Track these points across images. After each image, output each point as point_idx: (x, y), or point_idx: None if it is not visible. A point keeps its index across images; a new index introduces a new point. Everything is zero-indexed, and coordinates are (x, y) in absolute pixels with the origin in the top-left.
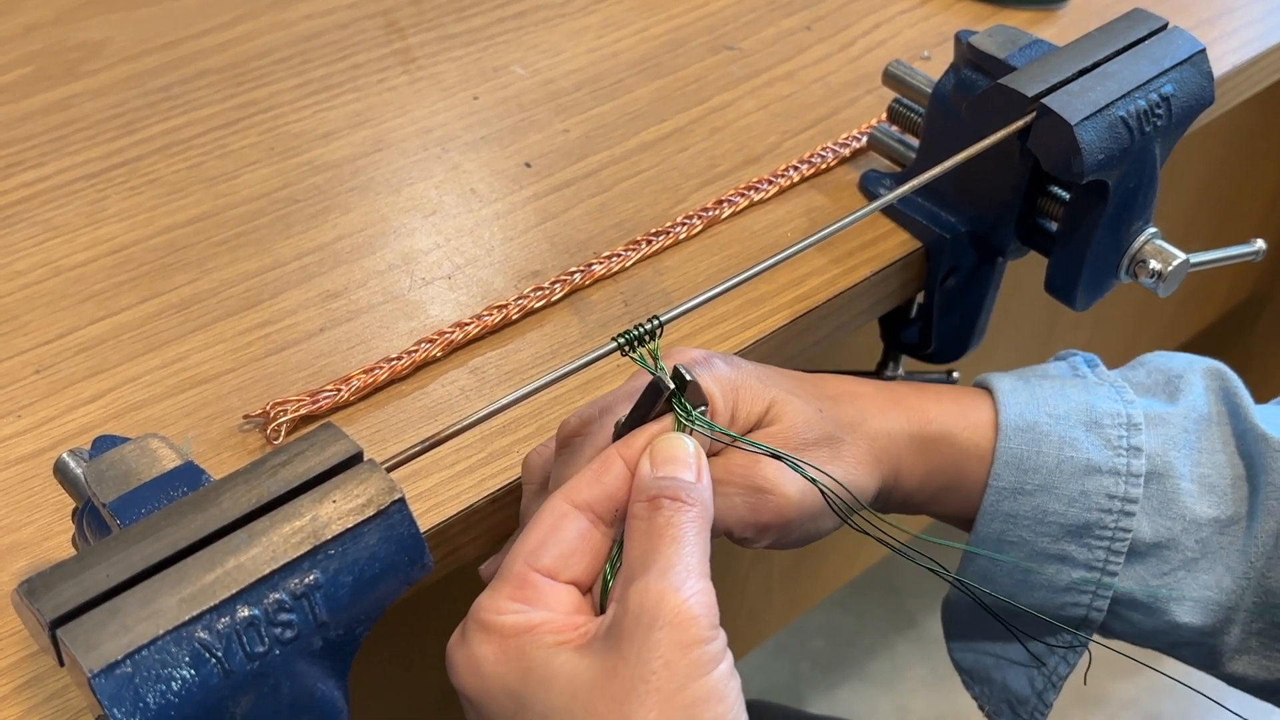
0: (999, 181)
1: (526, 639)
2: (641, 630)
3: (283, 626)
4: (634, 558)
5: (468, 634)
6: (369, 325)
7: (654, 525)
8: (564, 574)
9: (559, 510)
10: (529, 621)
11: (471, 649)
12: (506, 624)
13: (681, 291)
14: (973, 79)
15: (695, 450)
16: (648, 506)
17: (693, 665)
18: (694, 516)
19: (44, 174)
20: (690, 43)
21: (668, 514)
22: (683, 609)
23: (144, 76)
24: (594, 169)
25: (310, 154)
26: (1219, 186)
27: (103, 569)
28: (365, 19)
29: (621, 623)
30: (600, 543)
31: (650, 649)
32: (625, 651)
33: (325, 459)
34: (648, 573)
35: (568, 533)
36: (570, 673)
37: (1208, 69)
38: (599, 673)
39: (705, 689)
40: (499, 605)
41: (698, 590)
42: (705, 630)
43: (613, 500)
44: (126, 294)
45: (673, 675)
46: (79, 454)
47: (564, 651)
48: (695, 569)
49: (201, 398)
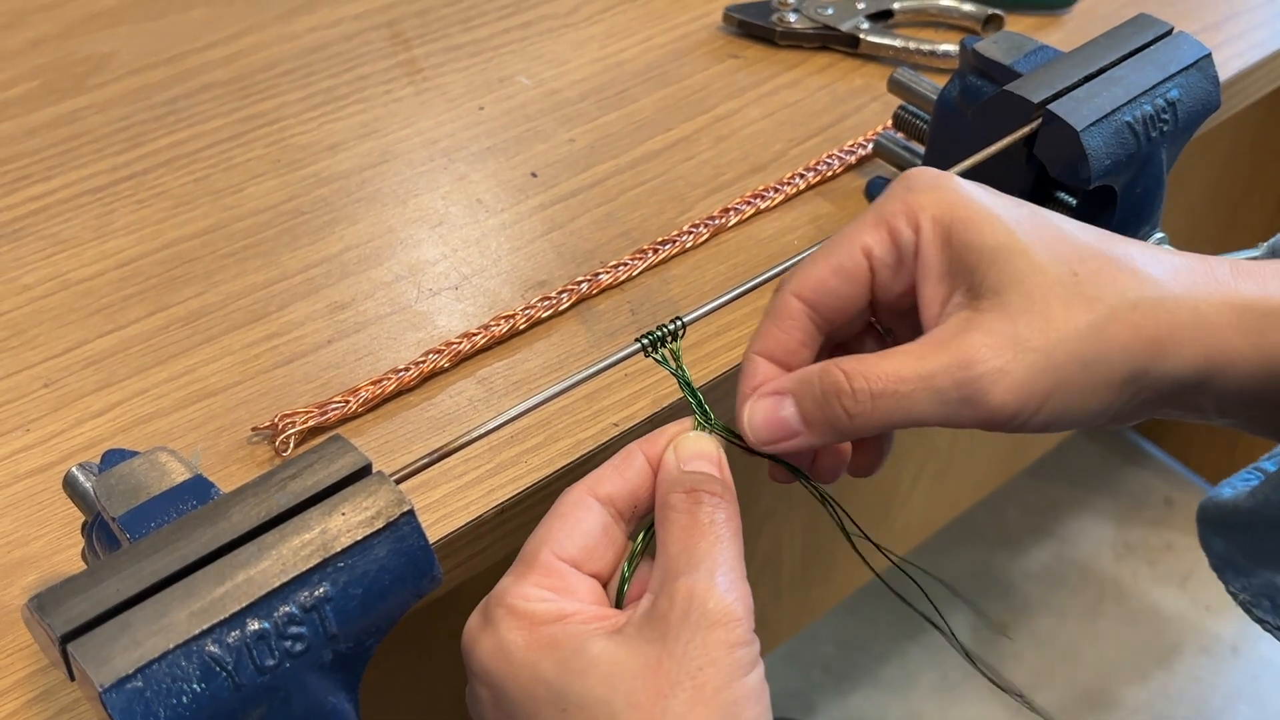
0: (1005, 187)
1: (559, 627)
2: (690, 627)
3: (293, 640)
4: (674, 551)
5: (494, 619)
6: (376, 337)
7: (695, 520)
8: (587, 566)
9: (582, 501)
10: (561, 610)
11: (499, 634)
12: (538, 611)
13: (689, 300)
14: (978, 85)
15: (718, 449)
16: (687, 498)
17: (736, 665)
18: (731, 514)
19: (51, 188)
20: (694, 51)
21: (709, 509)
22: (731, 610)
23: (150, 90)
24: (600, 178)
25: (316, 166)
26: (1226, 190)
27: (113, 583)
28: (370, 30)
29: (667, 617)
30: (619, 538)
31: (698, 646)
32: (671, 646)
33: (334, 471)
34: (695, 570)
35: (591, 525)
36: (610, 662)
37: (1214, 74)
38: (641, 664)
39: (746, 689)
40: (526, 592)
41: (742, 592)
42: (747, 632)
43: (633, 496)
44: (134, 307)
45: (718, 672)
46: (88, 468)
47: (599, 640)
48: (738, 569)
49: (210, 410)
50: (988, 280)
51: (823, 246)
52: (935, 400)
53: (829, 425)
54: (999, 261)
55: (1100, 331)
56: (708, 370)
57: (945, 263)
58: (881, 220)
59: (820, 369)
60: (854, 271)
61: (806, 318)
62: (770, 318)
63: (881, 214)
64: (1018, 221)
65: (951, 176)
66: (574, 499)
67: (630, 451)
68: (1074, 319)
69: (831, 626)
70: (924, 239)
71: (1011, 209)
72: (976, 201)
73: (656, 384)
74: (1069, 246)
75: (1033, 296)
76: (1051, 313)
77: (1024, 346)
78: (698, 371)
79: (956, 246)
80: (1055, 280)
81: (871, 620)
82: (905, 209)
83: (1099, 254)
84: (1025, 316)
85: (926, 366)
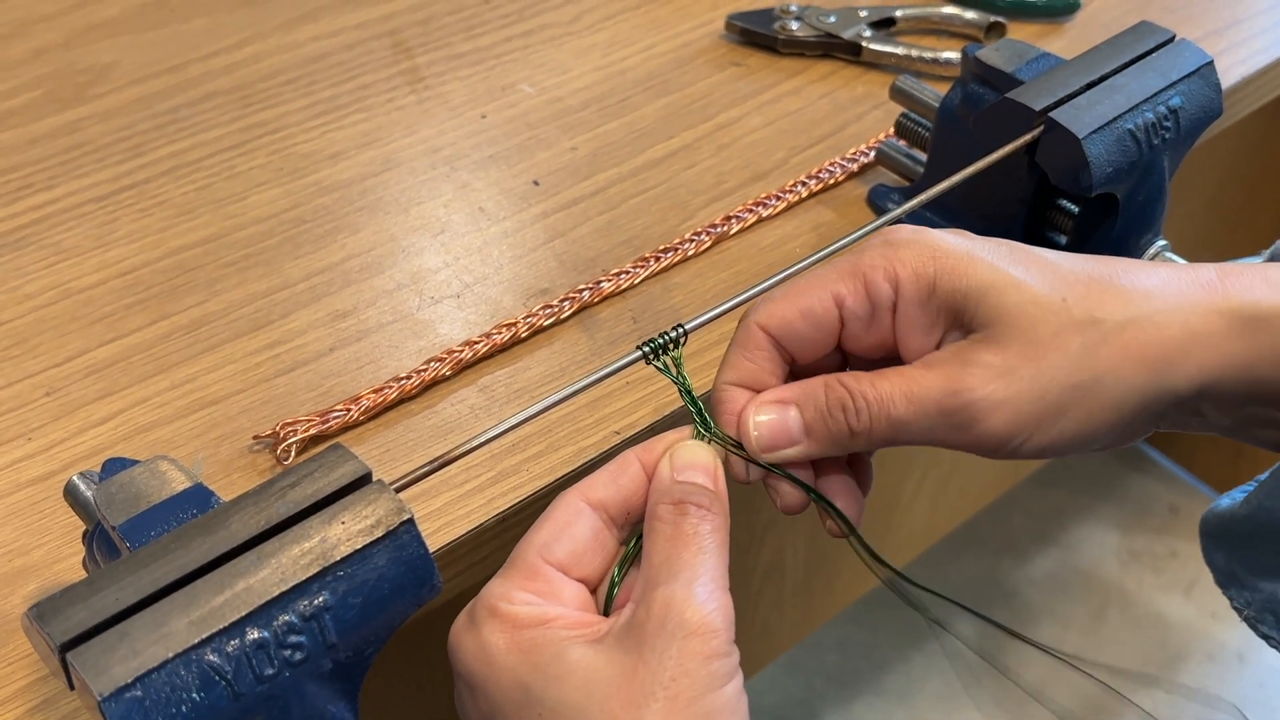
0: (1007, 195)
1: (540, 631)
2: (665, 637)
3: (292, 649)
4: (657, 561)
5: (477, 620)
6: (378, 345)
7: (680, 531)
8: (575, 570)
9: (574, 506)
10: (544, 614)
11: (482, 635)
12: (520, 614)
13: (690, 308)
14: (980, 93)
15: (714, 460)
16: (673, 510)
17: (711, 676)
18: (718, 526)
19: (53, 197)
20: (696, 59)
21: (694, 521)
22: (707, 621)
23: (152, 99)
24: (602, 186)
25: (318, 174)
26: (1228, 197)
27: (112, 592)
28: (372, 39)
29: (644, 626)
30: (609, 544)
31: (672, 656)
32: (646, 656)
33: (334, 480)
34: (674, 580)
35: (581, 530)
36: (586, 669)
37: (1216, 81)
38: (616, 672)
39: (720, 700)
40: (511, 594)
41: (721, 604)
42: (725, 644)
43: (626, 503)
44: (136, 316)
45: (692, 684)
46: (89, 476)
47: (578, 647)
48: (719, 580)
49: (211, 419)
50: (978, 316)
51: (792, 284)
52: (927, 424)
53: (830, 437)
54: (988, 297)
55: (1092, 355)
56: (709, 379)
57: (931, 314)
58: (858, 272)
59: (823, 382)
60: (823, 319)
61: (772, 348)
62: (737, 347)
63: (858, 266)
64: (1001, 258)
65: (929, 231)
66: (566, 503)
67: (626, 458)
68: (1065, 345)
69: (834, 634)
70: (904, 295)
71: (992, 248)
72: (957, 249)
73: (658, 392)
74: (1055, 274)
75: (1022, 325)
76: (1042, 340)
77: (1014, 375)
78: (698, 380)
79: (942, 294)
80: (1045, 308)
81: (874, 628)
82: (884, 263)
83: (1086, 278)
84: (1016, 345)
85: (919, 391)
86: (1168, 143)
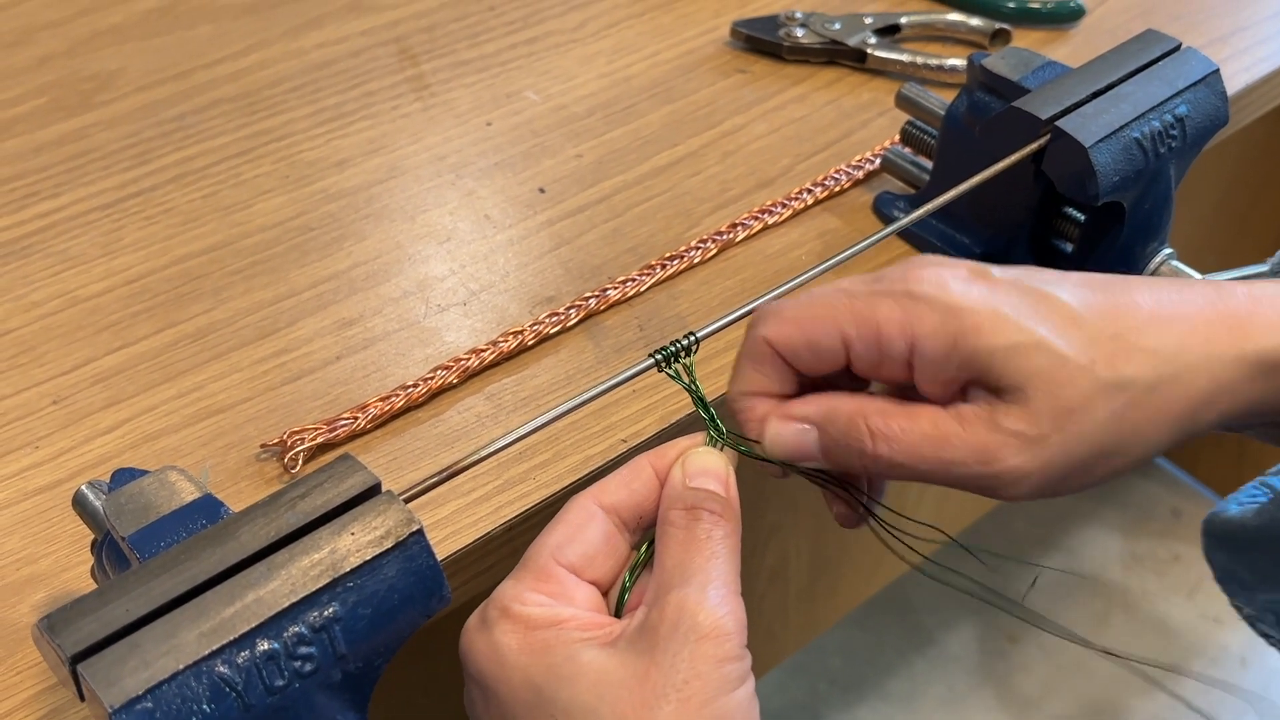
0: (1013, 203)
1: (552, 633)
2: (678, 640)
3: (302, 660)
4: (669, 565)
5: (489, 620)
6: (385, 353)
7: (693, 536)
8: (586, 573)
9: (587, 510)
10: (556, 615)
11: (494, 636)
12: (533, 615)
13: (696, 315)
14: (986, 101)
15: (727, 466)
16: (686, 515)
17: (723, 680)
18: (730, 532)
19: (59, 204)
20: (701, 67)
21: (707, 526)
22: (720, 624)
23: (158, 106)
24: (607, 194)
25: (324, 182)
26: (1233, 204)
27: (122, 604)
28: (378, 46)
29: (657, 629)
30: (621, 547)
31: (684, 659)
32: (659, 658)
33: (343, 491)
34: (687, 584)
35: (594, 533)
36: (599, 670)
37: (1222, 89)
38: (629, 674)
39: (733, 704)
40: (523, 595)
41: (734, 608)
42: (737, 647)
43: (639, 508)
44: (142, 324)
45: (704, 686)
46: (98, 486)
47: (591, 648)
48: (731, 585)
49: (218, 427)
50: (1005, 378)
51: (802, 304)
52: (949, 480)
53: (846, 462)
54: (1012, 359)
55: (1121, 420)
56: (719, 385)
57: (950, 371)
58: (871, 321)
59: (848, 417)
60: (828, 353)
61: (781, 360)
62: (747, 358)
63: (873, 314)
64: (1025, 313)
65: (950, 279)
66: (579, 506)
67: (638, 463)
68: (1094, 411)
69: (838, 639)
70: (921, 352)
71: (1016, 300)
72: (979, 306)
73: (665, 400)
74: (1080, 330)
75: (1050, 389)
76: (1070, 406)
77: (1045, 444)
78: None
79: (965, 353)
80: (1073, 369)
81: (878, 633)
82: (901, 318)
83: (1113, 334)
84: (1046, 412)
85: (947, 453)
86: (1174, 151)
